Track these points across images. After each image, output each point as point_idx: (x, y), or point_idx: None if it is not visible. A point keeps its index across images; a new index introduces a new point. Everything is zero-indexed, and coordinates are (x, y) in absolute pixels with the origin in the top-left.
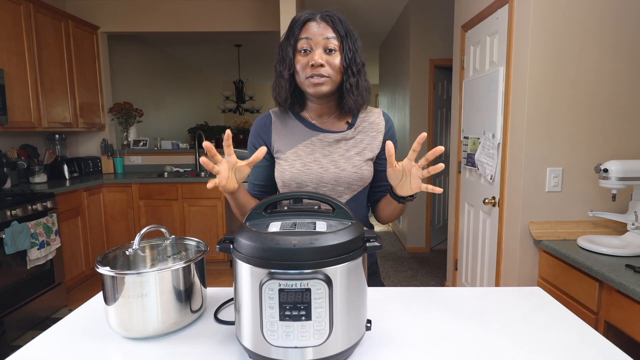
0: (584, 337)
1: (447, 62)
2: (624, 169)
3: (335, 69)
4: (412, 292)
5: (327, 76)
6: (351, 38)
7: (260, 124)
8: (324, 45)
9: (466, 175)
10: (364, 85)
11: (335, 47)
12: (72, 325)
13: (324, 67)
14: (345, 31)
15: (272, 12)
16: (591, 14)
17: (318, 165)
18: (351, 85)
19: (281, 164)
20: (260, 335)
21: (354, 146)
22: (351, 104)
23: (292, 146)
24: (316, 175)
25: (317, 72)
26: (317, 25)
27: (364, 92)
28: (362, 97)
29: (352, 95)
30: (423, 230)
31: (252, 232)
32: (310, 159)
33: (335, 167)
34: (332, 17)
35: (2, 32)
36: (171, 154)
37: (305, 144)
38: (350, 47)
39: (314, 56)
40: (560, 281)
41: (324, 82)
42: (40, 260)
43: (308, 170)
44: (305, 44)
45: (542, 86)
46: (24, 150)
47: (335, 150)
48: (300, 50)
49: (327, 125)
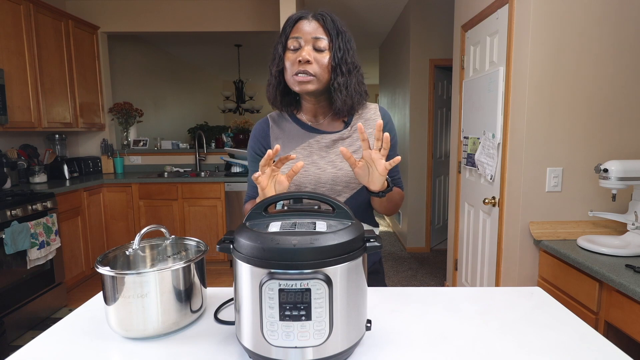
0: (584, 337)
1: (447, 62)
2: (624, 169)
3: (323, 67)
4: (412, 292)
5: (313, 75)
6: (343, 38)
7: (258, 130)
8: (313, 44)
9: (466, 175)
10: (355, 87)
11: (325, 46)
12: (72, 325)
13: (311, 64)
14: (337, 31)
15: (272, 12)
16: (591, 13)
17: (315, 167)
18: (339, 85)
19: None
20: (260, 335)
21: (351, 145)
22: (340, 104)
23: (290, 149)
24: (314, 177)
25: (304, 69)
26: (308, 24)
27: (354, 94)
28: (352, 98)
29: (340, 95)
30: (423, 230)
31: (252, 232)
32: (308, 162)
33: (332, 167)
34: (324, 16)
35: (2, 32)
36: (171, 154)
37: (303, 146)
38: (341, 47)
39: (302, 52)
40: (560, 281)
41: (310, 81)
42: (40, 260)
43: (305, 172)
44: (295, 42)
45: (542, 86)
46: (24, 150)
47: (333, 151)
48: (290, 47)
49: (323, 126)
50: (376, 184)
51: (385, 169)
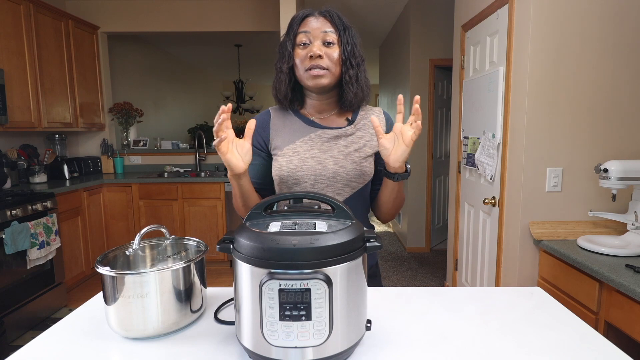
0: (584, 337)
1: (447, 62)
2: (624, 169)
3: (334, 61)
4: (412, 292)
5: (326, 68)
6: (349, 32)
7: (258, 121)
8: (323, 38)
9: (466, 175)
10: (364, 80)
11: (334, 39)
12: (72, 325)
13: (323, 58)
14: (343, 25)
15: (272, 12)
16: (591, 13)
17: (316, 161)
18: (350, 77)
19: (278, 160)
20: (260, 335)
21: (354, 142)
22: (351, 97)
23: (290, 142)
24: (314, 172)
25: (316, 64)
26: (315, 20)
27: (364, 86)
28: (362, 90)
29: (352, 88)
30: (423, 230)
31: (252, 232)
32: (309, 155)
33: (334, 163)
34: (330, 12)
35: (2, 32)
36: (171, 154)
37: (304, 140)
38: (349, 41)
39: (312, 48)
40: (560, 281)
41: (324, 75)
42: (40, 260)
43: (306, 166)
44: (304, 37)
45: (542, 86)
46: (24, 150)
47: (335, 147)
48: (300, 44)
49: (327, 122)
50: (398, 157)
51: (412, 139)
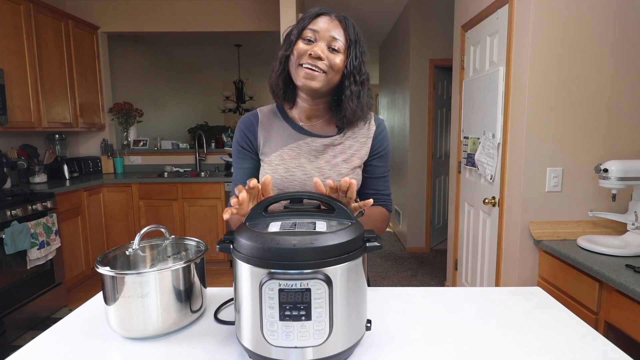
0: (584, 337)
1: (447, 62)
2: (624, 169)
3: (334, 67)
4: (412, 292)
5: (324, 71)
6: (360, 47)
7: (246, 122)
8: (329, 43)
9: (466, 175)
10: (366, 100)
11: (340, 48)
12: (72, 325)
13: (323, 61)
14: (355, 38)
15: (272, 12)
16: (591, 13)
17: (302, 171)
18: (352, 93)
19: (264, 168)
20: (260, 335)
21: (342, 152)
22: (350, 114)
23: (278, 149)
24: (299, 182)
25: (313, 63)
26: (329, 21)
27: (364, 106)
28: (362, 109)
29: (351, 104)
30: (423, 230)
31: (252, 232)
32: (295, 164)
33: (320, 174)
34: (347, 20)
35: (2, 32)
36: (171, 154)
37: (291, 147)
38: (357, 55)
39: (314, 47)
40: (560, 281)
41: (317, 77)
42: (40, 260)
43: (291, 177)
44: (310, 34)
45: (542, 86)
46: (24, 150)
47: (322, 157)
48: (304, 38)
49: (316, 129)
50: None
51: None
